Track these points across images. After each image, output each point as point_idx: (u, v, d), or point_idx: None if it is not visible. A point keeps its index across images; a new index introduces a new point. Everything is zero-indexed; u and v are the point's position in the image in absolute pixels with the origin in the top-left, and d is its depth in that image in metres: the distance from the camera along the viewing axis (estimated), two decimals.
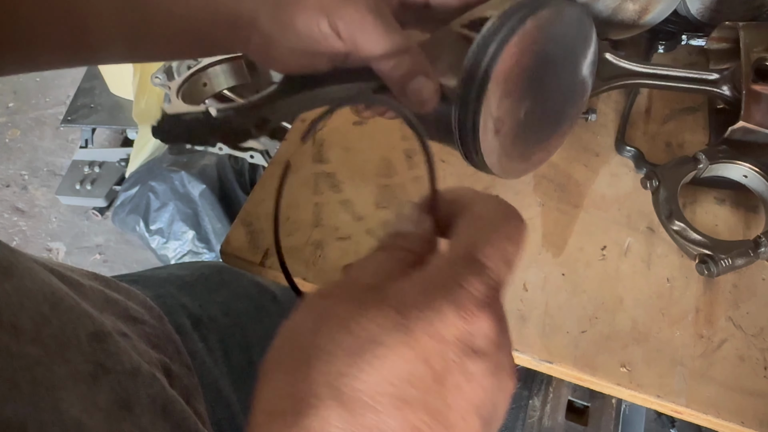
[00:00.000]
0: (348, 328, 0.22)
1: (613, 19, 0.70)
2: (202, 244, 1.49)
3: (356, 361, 0.21)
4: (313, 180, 0.65)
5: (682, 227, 0.57)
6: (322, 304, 0.25)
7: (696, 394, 0.52)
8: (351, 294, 0.24)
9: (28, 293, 0.34)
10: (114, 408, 0.36)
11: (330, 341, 0.22)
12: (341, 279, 0.26)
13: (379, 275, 0.25)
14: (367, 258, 0.27)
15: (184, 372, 0.49)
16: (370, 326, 0.22)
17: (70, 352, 0.35)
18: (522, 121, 0.44)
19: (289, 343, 0.25)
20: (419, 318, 0.22)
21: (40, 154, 1.98)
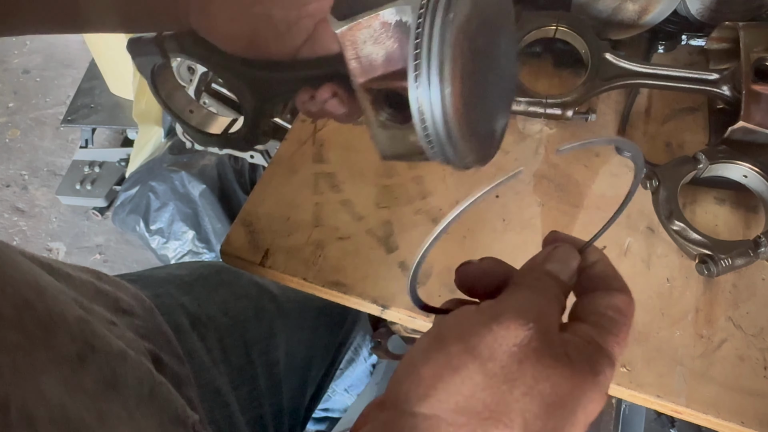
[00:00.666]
0: (549, 381, 0.28)
1: (613, 19, 0.70)
2: (202, 244, 1.49)
3: (545, 414, 0.27)
4: (313, 180, 0.65)
5: (682, 227, 0.57)
6: (524, 333, 0.29)
7: (696, 394, 0.52)
8: (546, 337, 0.29)
9: (9, 281, 0.34)
10: (100, 389, 0.36)
11: (532, 379, 0.28)
12: (532, 307, 0.30)
13: (556, 318, 0.31)
14: (547, 296, 0.31)
15: (175, 362, 0.49)
16: (560, 391, 0.28)
17: (55, 335, 0.35)
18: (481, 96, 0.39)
19: (491, 354, 0.28)
20: (590, 398, 0.28)
21: (40, 154, 1.98)
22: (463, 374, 0.28)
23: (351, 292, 0.58)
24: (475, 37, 0.35)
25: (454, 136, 0.35)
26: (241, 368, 0.61)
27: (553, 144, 0.67)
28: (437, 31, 0.33)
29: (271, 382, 0.64)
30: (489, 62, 0.39)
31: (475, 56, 0.36)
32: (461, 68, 0.34)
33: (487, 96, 0.39)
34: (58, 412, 0.32)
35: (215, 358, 0.58)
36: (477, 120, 0.38)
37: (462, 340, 0.29)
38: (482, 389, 0.28)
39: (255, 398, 0.61)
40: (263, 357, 0.64)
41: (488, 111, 0.40)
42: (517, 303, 0.30)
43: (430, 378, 0.29)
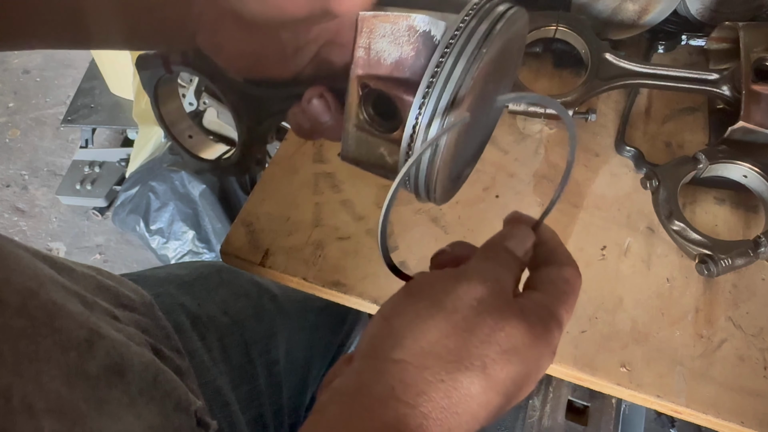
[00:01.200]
0: (504, 330, 0.32)
1: (613, 19, 0.70)
2: (202, 244, 1.49)
3: (503, 355, 0.31)
4: (313, 180, 0.65)
5: (682, 227, 0.57)
6: (482, 290, 0.33)
7: (696, 394, 0.52)
8: (502, 296, 0.33)
9: (13, 272, 0.35)
10: (105, 374, 0.37)
11: (489, 329, 0.32)
12: (489, 270, 0.34)
13: (511, 284, 0.35)
14: (502, 263, 0.35)
15: (175, 355, 0.49)
16: (516, 340, 0.32)
17: (61, 320, 0.36)
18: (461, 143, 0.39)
19: (455, 307, 0.32)
20: (540, 352, 0.33)
21: (41, 154, 1.98)
22: (429, 324, 0.32)
23: (351, 292, 0.58)
24: (488, 79, 0.35)
25: (436, 170, 0.34)
26: (241, 368, 0.61)
27: (553, 144, 0.67)
28: (465, 59, 0.32)
29: (271, 381, 0.64)
30: (487, 106, 0.38)
31: (482, 97, 0.36)
32: (470, 105, 0.34)
33: (474, 138, 0.39)
34: (54, 402, 0.32)
35: (215, 358, 0.58)
36: (458, 160, 0.37)
37: (430, 296, 0.33)
38: (446, 336, 0.31)
39: (255, 397, 0.61)
40: (263, 356, 0.64)
41: (468, 154, 0.39)
42: (478, 268, 0.35)
43: (399, 328, 0.32)
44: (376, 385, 0.31)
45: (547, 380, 0.87)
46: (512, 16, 0.34)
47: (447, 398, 0.30)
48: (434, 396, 0.30)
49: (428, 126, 0.33)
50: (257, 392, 0.62)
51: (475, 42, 0.32)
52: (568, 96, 0.64)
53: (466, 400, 0.31)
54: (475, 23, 0.33)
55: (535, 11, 0.69)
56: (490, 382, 0.31)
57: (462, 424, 0.31)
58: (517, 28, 0.35)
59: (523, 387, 0.33)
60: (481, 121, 0.38)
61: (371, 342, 0.33)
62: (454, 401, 0.30)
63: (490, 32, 0.33)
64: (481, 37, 0.32)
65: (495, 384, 0.31)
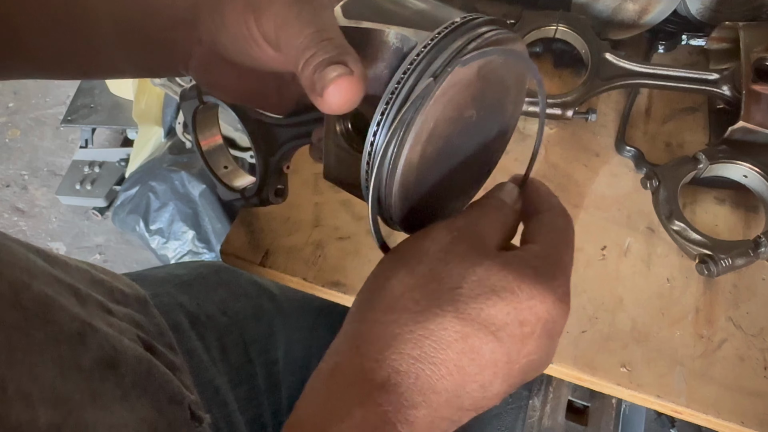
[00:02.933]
0: (476, 272, 0.30)
1: (613, 19, 0.70)
2: (202, 244, 1.49)
3: (479, 296, 0.29)
4: (313, 180, 0.65)
5: (682, 227, 0.57)
6: (451, 237, 0.32)
7: (696, 394, 0.52)
8: (473, 241, 0.32)
9: (5, 264, 0.34)
10: (97, 367, 0.36)
11: (459, 276, 0.30)
12: (460, 219, 0.33)
13: (492, 234, 0.33)
14: (479, 212, 0.34)
15: (168, 351, 0.49)
16: (492, 279, 0.30)
17: (54, 314, 0.35)
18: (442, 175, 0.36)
19: (419, 260, 0.31)
20: (530, 293, 0.30)
21: (40, 154, 1.98)
22: (393, 281, 0.31)
23: (351, 292, 0.58)
24: (464, 107, 0.33)
25: (389, 193, 0.32)
26: (240, 367, 0.61)
27: (553, 144, 0.67)
28: (427, 78, 0.30)
29: (270, 381, 0.64)
30: (471, 141, 0.36)
31: (457, 125, 0.33)
32: (433, 128, 0.31)
33: (456, 169, 0.36)
34: (48, 392, 0.32)
35: (214, 357, 0.58)
36: (432, 190, 0.35)
37: (395, 256, 0.33)
38: (412, 289, 0.31)
39: (254, 397, 0.61)
40: (262, 356, 0.64)
41: (450, 185, 0.36)
42: (447, 222, 0.33)
43: (367, 291, 0.32)
44: (341, 346, 0.31)
45: (547, 380, 0.87)
46: (494, 38, 0.31)
47: (418, 348, 0.29)
48: (403, 348, 0.29)
49: (383, 145, 0.30)
50: (256, 392, 0.62)
51: (440, 61, 0.30)
52: (568, 96, 0.64)
53: (442, 347, 0.29)
54: (447, 41, 0.30)
55: (535, 11, 0.69)
56: (467, 326, 0.29)
57: (444, 375, 0.29)
58: (501, 52, 0.32)
59: (528, 339, 0.30)
60: (460, 152, 0.35)
61: (348, 315, 0.33)
62: (427, 351, 0.29)
63: (459, 52, 0.30)
64: (449, 56, 0.30)
65: (476, 328, 0.29)
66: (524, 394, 0.86)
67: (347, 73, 0.29)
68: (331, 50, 0.30)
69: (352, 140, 0.35)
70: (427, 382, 0.29)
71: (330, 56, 0.30)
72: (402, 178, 0.32)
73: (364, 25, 0.33)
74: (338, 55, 0.30)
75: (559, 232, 0.34)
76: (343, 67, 0.30)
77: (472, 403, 0.30)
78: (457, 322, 0.29)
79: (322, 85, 0.29)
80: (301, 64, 0.31)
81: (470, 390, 0.30)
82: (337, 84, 0.29)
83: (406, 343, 0.29)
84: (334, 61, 0.30)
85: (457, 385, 0.29)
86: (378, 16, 0.33)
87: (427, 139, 0.31)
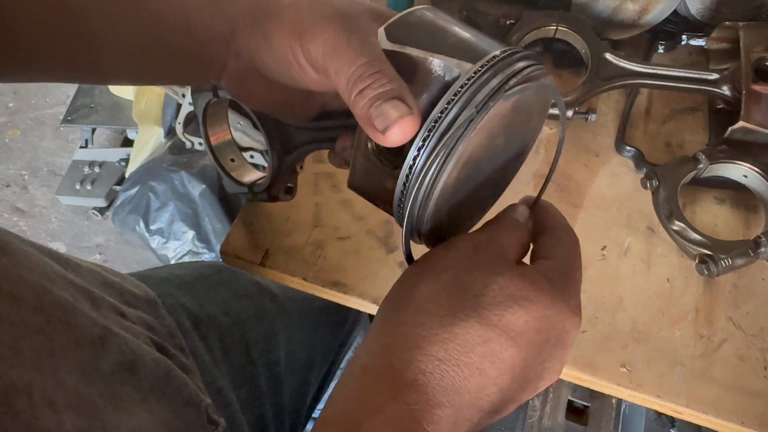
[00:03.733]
0: (497, 282, 0.32)
1: (613, 19, 0.70)
2: (202, 244, 1.49)
3: (500, 303, 0.31)
4: (313, 180, 0.65)
5: (682, 227, 0.57)
6: (474, 249, 0.34)
7: (696, 394, 0.52)
8: (495, 253, 0.34)
9: (25, 268, 0.35)
10: (117, 371, 0.37)
11: (482, 284, 0.32)
12: (483, 234, 0.35)
13: (510, 249, 0.35)
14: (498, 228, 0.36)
15: (179, 353, 0.49)
16: (512, 288, 0.32)
17: (75, 317, 0.36)
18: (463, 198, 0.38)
19: (444, 268, 0.33)
20: (547, 303, 0.32)
21: (40, 154, 1.98)
22: (420, 286, 0.33)
23: (351, 292, 0.58)
24: (496, 132, 0.34)
25: (422, 214, 0.34)
26: (241, 368, 0.61)
27: (553, 144, 0.67)
28: (470, 109, 0.31)
29: (272, 381, 0.64)
30: (494, 163, 0.38)
31: (488, 151, 0.35)
32: (469, 155, 0.33)
33: (478, 190, 0.38)
34: (72, 397, 0.32)
35: (216, 358, 0.58)
36: (457, 210, 0.37)
37: (420, 264, 0.35)
38: (437, 293, 0.32)
39: (256, 398, 0.61)
40: (264, 356, 0.64)
41: (471, 205, 0.39)
42: (471, 235, 0.36)
43: (395, 297, 0.34)
44: (371, 347, 0.32)
45: None
46: (532, 73, 0.33)
47: (443, 350, 0.30)
48: (429, 349, 0.30)
49: (423, 170, 0.32)
50: (258, 392, 0.62)
51: (483, 94, 0.31)
52: (568, 96, 0.64)
53: (466, 350, 0.30)
54: (489, 75, 0.32)
55: (535, 11, 0.69)
56: (489, 330, 0.31)
57: (467, 377, 0.30)
58: (536, 87, 0.34)
59: (543, 347, 0.32)
60: (484, 173, 0.37)
61: (375, 319, 0.34)
62: (451, 353, 0.30)
63: (501, 87, 0.32)
64: (491, 90, 0.32)
65: (497, 333, 0.31)
66: None
67: (409, 113, 0.31)
68: (386, 84, 0.32)
69: (381, 155, 0.36)
70: (451, 383, 0.30)
71: (386, 90, 0.32)
72: (437, 200, 0.33)
73: (408, 51, 0.34)
74: (395, 90, 0.32)
75: (570, 249, 0.36)
76: (404, 106, 0.31)
77: (491, 406, 0.32)
78: (479, 326, 0.31)
79: (385, 124, 0.31)
80: (354, 94, 0.32)
81: (490, 392, 0.31)
82: (401, 124, 0.31)
83: (432, 345, 0.31)
84: (392, 96, 0.31)
85: (478, 387, 0.31)
86: (421, 42, 0.34)
87: (463, 165, 0.33)
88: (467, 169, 0.34)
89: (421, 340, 0.31)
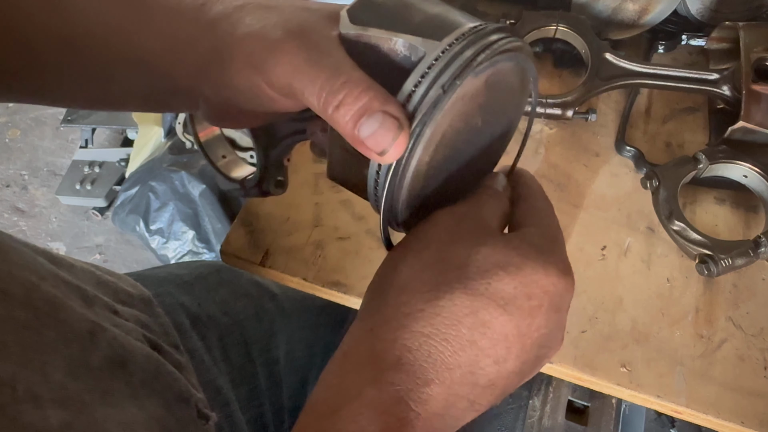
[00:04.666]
0: (480, 251, 0.31)
1: (613, 19, 0.70)
2: (202, 244, 1.49)
3: (486, 272, 0.30)
4: (313, 180, 0.65)
5: (682, 227, 0.57)
6: (455, 222, 0.33)
7: (696, 394, 0.52)
8: (476, 223, 0.33)
9: (15, 265, 0.35)
10: (107, 366, 0.37)
11: (465, 255, 0.31)
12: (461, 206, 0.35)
13: (492, 218, 0.35)
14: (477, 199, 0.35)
15: (173, 350, 0.49)
16: (497, 256, 0.31)
17: (64, 313, 0.36)
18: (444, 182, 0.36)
19: (425, 245, 0.33)
20: (534, 267, 0.31)
21: (40, 154, 1.98)
22: (401, 267, 0.32)
23: (351, 292, 0.58)
24: (471, 115, 0.33)
25: (396, 200, 0.33)
26: (241, 367, 0.61)
27: (553, 144, 0.67)
28: (436, 90, 0.30)
29: (272, 381, 0.64)
30: (475, 145, 0.36)
31: (465, 133, 0.33)
32: (441, 138, 0.32)
33: (460, 173, 0.36)
34: (58, 393, 0.32)
35: (215, 357, 0.58)
36: (426, 196, 0.35)
37: (401, 246, 0.34)
38: (420, 271, 0.31)
39: (255, 397, 0.61)
40: (263, 356, 0.64)
41: (443, 192, 0.36)
42: (450, 207, 0.35)
43: (377, 281, 0.34)
44: (355, 332, 0.32)
45: (547, 380, 0.87)
46: (503, 47, 0.31)
47: (429, 326, 0.30)
48: (414, 326, 0.30)
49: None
50: (257, 392, 0.62)
51: (450, 73, 0.30)
52: (568, 96, 0.64)
53: (453, 323, 0.30)
54: (457, 52, 0.30)
55: (535, 11, 0.69)
56: (476, 300, 0.30)
57: (457, 350, 0.30)
58: (509, 60, 0.32)
59: (536, 313, 0.31)
60: (464, 155, 0.36)
61: (360, 308, 0.34)
62: (438, 327, 0.30)
63: (469, 63, 0.30)
64: (458, 68, 0.30)
65: (485, 302, 0.30)
66: (524, 394, 0.86)
67: (399, 130, 0.29)
68: (359, 95, 0.30)
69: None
70: (440, 358, 0.29)
71: (362, 104, 0.29)
72: (410, 186, 0.32)
73: (371, 32, 0.32)
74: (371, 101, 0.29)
75: (548, 213, 0.36)
76: (391, 120, 0.29)
77: (489, 380, 0.31)
78: (465, 297, 0.30)
79: (382, 148, 0.29)
80: (330, 112, 0.30)
81: (484, 365, 0.30)
82: (397, 146, 0.29)
83: (417, 321, 0.30)
84: (372, 110, 0.29)
85: (470, 360, 0.30)
86: (385, 22, 0.32)
87: (434, 149, 0.32)
88: (442, 153, 0.33)
89: (404, 318, 0.30)
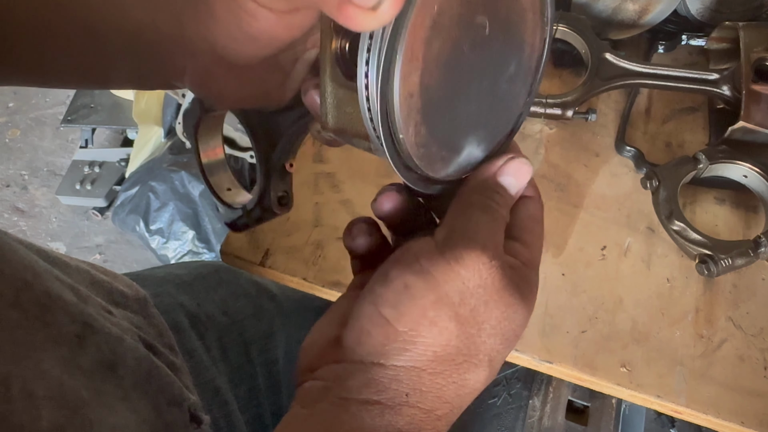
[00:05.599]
0: (507, 317, 0.32)
1: (613, 19, 0.70)
2: (202, 244, 1.49)
3: (506, 344, 0.33)
4: (313, 180, 0.65)
5: (682, 227, 0.57)
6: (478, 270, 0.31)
7: (696, 394, 0.52)
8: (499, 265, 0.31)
9: (8, 263, 0.35)
10: (98, 368, 0.37)
11: (494, 323, 0.31)
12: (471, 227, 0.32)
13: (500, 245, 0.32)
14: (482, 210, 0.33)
15: (168, 351, 0.49)
16: (517, 320, 0.32)
17: (53, 315, 0.36)
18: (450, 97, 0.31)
19: (451, 301, 0.30)
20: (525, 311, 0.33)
21: (40, 154, 1.98)
22: (440, 326, 0.30)
23: None
24: (471, 5, 0.29)
25: (394, 123, 0.28)
26: (240, 367, 0.61)
27: (553, 144, 0.67)
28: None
29: (271, 381, 0.64)
30: (485, 73, 0.32)
31: (465, 36, 0.29)
32: (425, 51, 0.28)
33: (462, 105, 0.32)
34: (56, 389, 0.32)
35: (214, 357, 0.58)
36: (434, 122, 0.31)
37: (432, 290, 0.30)
38: (456, 336, 0.31)
39: (254, 397, 0.61)
40: (262, 356, 0.64)
41: (457, 125, 0.32)
42: (471, 232, 0.31)
43: (407, 333, 0.30)
44: (388, 391, 0.30)
45: (547, 380, 0.87)
46: None
47: (457, 397, 0.32)
48: (447, 397, 0.31)
49: (378, 69, 0.27)
50: (256, 392, 0.62)
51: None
52: (568, 96, 0.64)
53: (472, 393, 0.32)
54: None
55: None
56: (493, 372, 0.33)
57: (462, 407, 0.33)
58: None
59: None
60: (473, 84, 0.31)
61: (370, 342, 0.31)
62: (462, 397, 0.32)
63: None
64: None
65: (495, 371, 0.34)
66: (524, 394, 0.86)
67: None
68: None
69: (351, 72, 0.30)
70: (453, 418, 0.33)
71: None
72: (405, 106, 0.28)
73: None
74: None
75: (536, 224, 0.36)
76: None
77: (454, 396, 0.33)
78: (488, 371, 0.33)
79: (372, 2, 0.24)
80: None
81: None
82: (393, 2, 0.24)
83: (449, 392, 0.32)
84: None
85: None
86: None
87: (431, 26, 0.27)
88: (440, 71, 0.29)
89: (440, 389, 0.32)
